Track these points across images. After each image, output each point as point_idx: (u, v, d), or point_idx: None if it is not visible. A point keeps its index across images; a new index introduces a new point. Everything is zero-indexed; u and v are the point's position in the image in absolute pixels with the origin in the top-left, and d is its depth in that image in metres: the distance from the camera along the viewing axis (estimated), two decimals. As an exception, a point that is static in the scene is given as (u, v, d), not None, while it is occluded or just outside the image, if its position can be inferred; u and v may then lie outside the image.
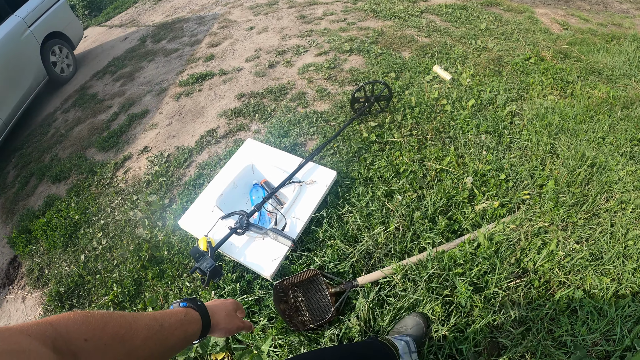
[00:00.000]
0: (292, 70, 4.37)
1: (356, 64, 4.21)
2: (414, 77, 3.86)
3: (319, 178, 2.72)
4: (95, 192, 3.87)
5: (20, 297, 3.62)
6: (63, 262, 3.46)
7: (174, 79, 5.03)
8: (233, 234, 2.52)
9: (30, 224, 3.96)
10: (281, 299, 2.31)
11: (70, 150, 4.70)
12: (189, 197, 3.27)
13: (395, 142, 3.10)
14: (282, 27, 5.47)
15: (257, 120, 3.75)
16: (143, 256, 3.02)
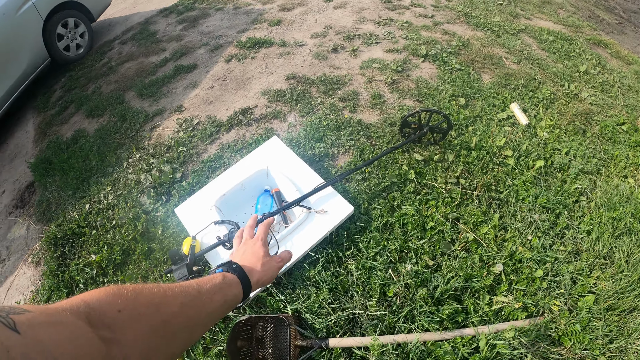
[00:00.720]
0: (355, 61, 3.94)
1: (426, 75, 3.72)
2: (485, 111, 3.32)
3: (333, 209, 2.38)
4: (119, 141, 3.75)
5: (26, 225, 3.63)
6: (69, 205, 3.41)
7: (234, 37, 4.74)
8: (220, 245, 2.28)
9: (53, 155, 3.94)
10: (242, 335, 2.09)
11: (112, 87, 4.62)
12: (199, 179, 3.05)
13: (436, 188, 2.66)
14: (362, 8, 4.97)
15: (297, 112, 3.40)
16: (138, 228, 2.89)
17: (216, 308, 0.92)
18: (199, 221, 2.51)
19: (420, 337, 1.91)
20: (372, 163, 2.79)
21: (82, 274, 2.82)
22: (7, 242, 3.61)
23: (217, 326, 2.24)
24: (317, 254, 2.30)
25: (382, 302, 2.11)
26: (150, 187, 3.14)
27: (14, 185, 4.14)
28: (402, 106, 3.34)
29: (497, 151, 2.92)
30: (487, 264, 2.26)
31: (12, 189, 4.11)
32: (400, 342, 1.91)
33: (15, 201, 3.94)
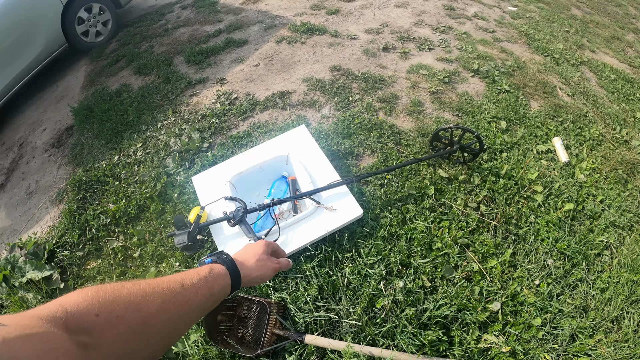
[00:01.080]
0: (404, 64, 3.87)
1: (473, 91, 3.60)
2: (525, 139, 3.17)
3: (342, 209, 2.35)
4: (158, 102, 3.85)
5: (57, 164, 3.80)
6: (99, 154, 3.55)
7: (290, 19, 4.74)
8: (224, 221, 2.31)
9: (95, 104, 4.09)
10: (225, 310, 2.13)
11: (164, 49, 4.73)
12: (224, 153, 3.09)
13: (453, 209, 2.57)
14: (423, 11, 4.85)
15: (333, 104, 3.38)
16: (157, 188, 2.97)
17: (202, 302, 0.91)
18: (212, 193, 2.55)
19: (395, 355, 1.87)
20: (394, 170, 2.74)
21: (97, 219, 2.93)
22: (38, 176, 3.80)
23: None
24: (315, 250, 2.29)
25: (368, 312, 2.08)
26: (177, 151, 3.22)
27: (55, 125, 4.34)
28: (439, 118, 3.25)
29: (527, 184, 2.80)
30: (486, 298, 2.18)
31: (53, 128, 4.31)
32: (374, 355, 1.88)
33: (53, 140, 4.14)
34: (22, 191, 3.87)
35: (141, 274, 2.50)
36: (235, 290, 1.02)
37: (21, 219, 3.52)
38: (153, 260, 2.61)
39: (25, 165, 4.16)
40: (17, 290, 2.66)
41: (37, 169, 3.94)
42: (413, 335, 1.96)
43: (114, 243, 2.81)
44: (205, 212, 2.44)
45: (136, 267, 2.63)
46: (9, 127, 4.97)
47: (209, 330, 2.02)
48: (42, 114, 4.77)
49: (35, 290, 2.63)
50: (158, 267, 2.52)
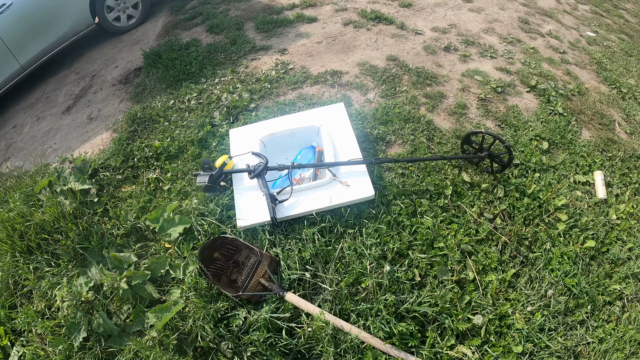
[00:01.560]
0: (461, 67, 3.85)
1: (523, 106, 3.53)
2: (565, 165, 3.07)
3: (356, 186, 2.45)
4: (221, 60, 4.11)
5: (120, 99, 4.15)
6: (157, 96, 3.85)
7: (362, 4, 4.82)
8: (245, 172, 2.48)
9: (164, 52, 4.43)
10: (224, 250, 2.30)
11: (238, 13, 5.01)
12: (267, 116, 3.28)
13: (467, 215, 2.59)
14: (496, 19, 4.76)
15: (380, 91, 3.46)
16: (199, 134, 3.20)
17: None
18: (244, 147, 2.74)
19: (361, 335, 1.95)
20: (416, 162, 2.80)
21: (140, 151, 3.23)
22: (102, 106, 4.18)
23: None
24: (320, 219, 2.40)
25: (351, 288, 2.17)
26: (226, 106, 3.44)
27: (126, 64, 4.73)
28: (479, 124, 3.25)
29: (552, 209, 2.72)
30: (473, 311, 2.19)
31: (124, 67, 4.70)
32: (343, 328, 1.98)
33: (121, 77, 4.52)
34: (84, 116, 4.26)
35: (164, 204, 2.73)
36: None
37: (77, 139, 3.90)
38: (178, 196, 2.84)
39: (92, 94, 4.57)
40: (57, 195, 2.98)
41: (101, 100, 4.32)
42: (386, 322, 2.02)
43: (150, 174, 3.08)
44: (232, 161, 2.63)
45: (163, 198, 2.88)
46: (86, 60, 5.43)
47: (202, 260, 2.21)
48: (117, 53, 5.18)
49: (72, 198, 2.93)
50: (181, 203, 2.74)
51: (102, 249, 2.69)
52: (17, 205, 3.06)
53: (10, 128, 5.06)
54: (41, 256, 2.77)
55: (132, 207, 2.86)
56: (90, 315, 2.37)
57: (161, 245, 2.65)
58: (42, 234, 2.82)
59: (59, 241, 2.75)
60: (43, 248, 2.80)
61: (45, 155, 3.99)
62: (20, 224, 2.90)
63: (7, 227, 2.91)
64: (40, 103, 5.16)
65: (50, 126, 4.51)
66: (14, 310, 2.71)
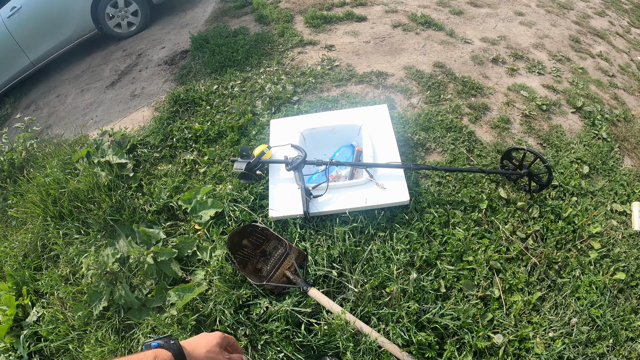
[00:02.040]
0: (507, 80, 3.77)
1: (567, 126, 3.43)
2: (604, 192, 2.96)
3: (392, 190, 2.43)
4: (267, 50, 4.15)
5: (164, 79, 4.24)
6: (202, 79, 3.91)
7: (412, 8, 4.77)
8: (283, 164, 2.50)
9: (212, 38, 4.52)
10: (253, 238, 2.32)
11: (288, 6, 5.05)
12: (309, 110, 3.30)
13: (499, 232, 2.53)
14: (547, 35, 4.63)
15: (424, 97, 3.42)
16: (240, 121, 3.24)
17: None
18: (283, 138, 2.76)
19: (380, 339, 1.93)
20: (455, 172, 2.76)
21: (179, 131, 3.29)
22: (146, 84, 4.28)
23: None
24: (353, 217, 2.40)
25: (376, 291, 2.16)
26: (268, 96, 3.47)
27: (173, 46, 4.83)
28: (521, 140, 3.17)
29: (585, 236, 2.65)
30: (494, 329, 2.14)
31: (170, 48, 4.80)
32: (363, 331, 1.96)
33: (167, 58, 4.62)
34: (127, 92, 4.36)
35: (198, 186, 2.76)
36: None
37: (119, 114, 4.00)
38: (213, 180, 2.88)
39: (137, 72, 4.68)
40: (94, 166, 3.06)
41: (146, 78, 4.41)
42: (406, 329, 1.99)
43: (187, 155, 3.13)
44: (270, 151, 2.65)
45: (198, 180, 2.93)
46: (134, 39, 5.58)
47: (230, 245, 2.23)
48: (165, 35, 5.29)
49: (108, 170, 3.01)
50: (215, 186, 2.77)
51: (132, 223, 2.75)
52: (54, 172, 3.16)
53: (54, 97, 5.24)
54: (72, 223, 2.84)
55: (166, 186, 2.91)
56: (113, 285, 2.43)
57: (191, 226, 2.68)
58: (75, 202, 2.90)
59: (91, 210, 2.82)
60: (75, 215, 2.88)
61: (86, 126, 4.12)
62: (55, 190, 2.99)
63: (42, 192, 3.00)
64: (86, 76, 5.32)
65: (93, 99, 4.64)
66: (39, 272, 2.80)
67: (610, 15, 5.77)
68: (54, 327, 2.41)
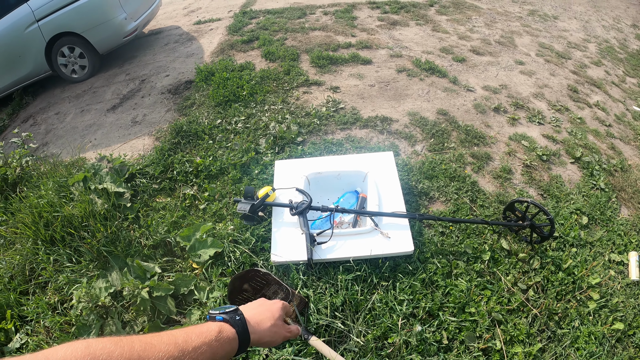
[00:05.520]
0: (508, 129, 3.83)
1: (566, 177, 3.47)
2: (602, 243, 2.97)
3: (396, 239, 2.40)
4: (273, 88, 4.18)
5: (167, 108, 4.27)
6: (205, 112, 3.93)
7: (416, 54, 4.87)
8: (287, 208, 2.47)
9: (217, 70, 4.55)
10: (253, 282, 2.26)
11: (295, 44, 5.13)
12: (313, 152, 3.30)
13: (501, 283, 2.51)
14: (546, 84, 4.74)
15: (427, 145, 3.44)
16: (243, 159, 3.23)
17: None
18: (287, 181, 2.73)
19: None
20: (459, 223, 2.75)
21: (180, 164, 3.26)
22: (148, 111, 4.27)
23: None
24: (356, 266, 2.36)
25: (378, 342, 2.11)
26: (272, 135, 3.46)
27: (178, 75, 4.86)
28: (522, 191, 3.19)
29: (584, 287, 2.65)
30: None
31: (175, 77, 4.84)
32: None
33: (171, 87, 4.64)
34: (128, 118, 4.35)
35: (198, 223, 2.72)
36: (240, 353, 0.94)
37: (118, 139, 3.98)
38: (213, 217, 2.83)
39: (140, 98, 4.68)
40: (90, 192, 3.00)
41: (148, 105, 4.42)
42: None
43: (188, 190, 3.09)
44: (275, 194, 2.62)
45: (197, 217, 2.88)
46: (138, 64, 5.60)
47: (231, 290, 2.17)
48: (170, 63, 5.33)
49: (105, 199, 2.95)
50: (215, 225, 2.73)
51: (127, 256, 2.67)
52: (49, 194, 3.08)
53: (53, 114, 5.21)
54: (63, 250, 2.76)
55: (165, 220, 2.86)
56: (104, 320, 2.34)
57: (188, 264, 2.63)
58: (68, 228, 2.82)
59: (85, 239, 2.74)
60: (67, 242, 2.80)
61: (84, 148, 4.07)
62: (48, 213, 2.90)
63: (35, 213, 2.91)
64: (87, 96, 5.31)
65: (93, 121, 4.62)
66: (25, 296, 2.68)
67: (606, 65, 5.95)
68: (36, 357, 2.30)
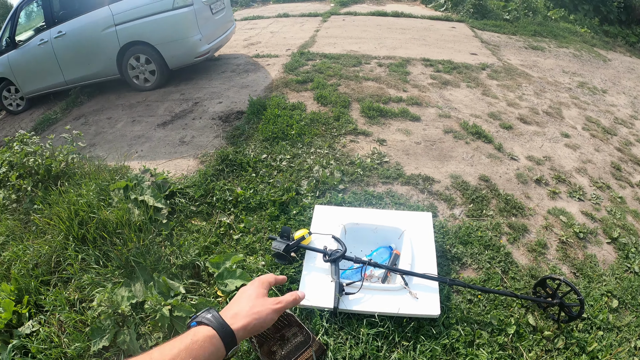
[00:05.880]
0: (548, 203, 3.77)
1: (601, 257, 3.34)
2: (630, 329, 2.74)
3: (424, 300, 2.41)
4: (321, 132, 4.33)
5: (215, 134, 4.44)
6: (252, 145, 4.09)
7: (465, 116, 4.92)
8: (321, 253, 2.51)
9: (269, 106, 4.75)
10: (279, 323, 2.28)
11: (347, 91, 5.32)
12: (352, 201, 3.35)
13: (522, 358, 2.45)
14: (590, 159, 4.64)
15: (466, 210, 3.44)
16: (283, 197, 3.31)
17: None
18: (324, 226, 2.81)
19: None
20: (488, 293, 2.72)
21: (221, 191, 3.39)
22: (196, 134, 4.48)
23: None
24: (380, 321, 2.36)
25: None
26: (315, 178, 3.56)
27: (230, 104, 5.10)
28: (555, 268, 3.13)
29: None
30: None
31: (227, 105, 5.08)
32: None
33: (222, 114, 4.88)
34: (177, 137, 4.56)
35: (230, 252, 2.81)
36: (232, 348, 0.90)
37: (164, 156, 4.17)
38: (245, 250, 2.91)
39: (191, 120, 4.90)
40: (129, 201, 3.14)
41: (198, 128, 4.63)
42: None
43: (224, 217, 3.18)
44: (310, 237, 2.68)
45: (229, 246, 2.97)
46: (194, 86, 5.90)
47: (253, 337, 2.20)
48: (224, 90, 5.59)
49: (143, 211, 3.08)
50: (246, 257, 2.80)
51: (154, 270, 2.75)
52: (89, 194, 3.21)
53: (105, 118, 5.52)
54: (93, 251, 2.85)
55: (197, 243, 2.95)
56: (120, 327, 2.39)
57: (213, 291, 2.68)
58: (101, 231, 2.92)
59: (116, 245, 2.84)
60: (98, 244, 2.89)
61: (130, 157, 4.25)
62: (84, 213, 3.02)
63: (71, 210, 3.03)
64: (140, 107, 5.59)
65: (142, 132, 4.84)
66: (45, 286, 2.77)
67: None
68: (45, 347, 2.36)
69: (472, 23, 10.00)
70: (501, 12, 10.82)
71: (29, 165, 3.75)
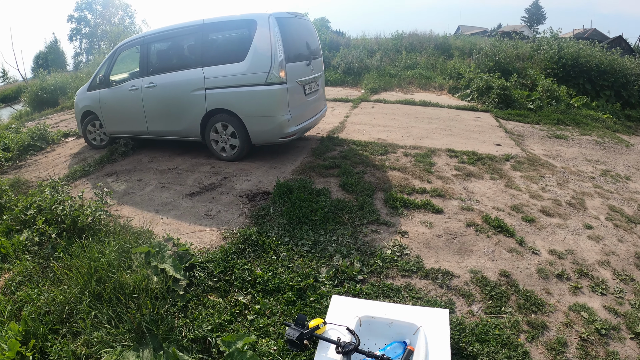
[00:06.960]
0: (569, 299, 3.62)
1: (623, 353, 3.09)
2: None
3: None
4: (345, 220, 4.44)
5: (241, 212, 4.59)
6: (276, 227, 4.21)
7: (488, 209, 4.95)
8: (335, 345, 2.51)
9: (295, 190, 4.91)
10: None
11: (372, 180, 5.49)
12: (370, 292, 3.35)
13: None
14: (613, 251, 4.47)
15: (484, 306, 3.37)
16: (302, 283, 3.36)
17: None
18: (339, 316, 2.82)
19: None
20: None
21: (240, 270, 3.48)
22: (222, 209, 4.68)
23: None
24: None
25: None
26: (335, 267, 3.60)
27: (258, 183, 5.31)
28: (576, 372, 2.99)
29: None
30: None
31: (255, 184, 5.31)
32: None
33: (249, 193, 5.09)
34: (203, 209, 4.74)
35: (242, 332, 2.84)
36: None
37: (188, 227, 4.33)
38: (258, 331, 2.94)
39: (218, 194, 5.10)
40: (150, 268, 3.25)
41: (224, 204, 4.81)
42: None
43: (241, 297, 3.24)
44: (325, 327, 2.70)
45: (243, 326, 3.00)
46: (225, 161, 6.10)
47: None
48: (253, 169, 5.83)
49: (162, 279, 3.18)
50: (258, 339, 2.82)
51: (165, 340, 2.78)
52: (110, 254, 3.31)
53: (135, 179, 5.77)
54: (106, 310, 2.90)
55: (211, 319, 2.99)
56: None
57: (222, 369, 2.66)
58: (118, 293, 2.98)
59: (130, 308, 2.89)
60: (113, 304, 2.95)
61: (155, 223, 4.38)
62: (104, 271, 3.11)
63: (91, 265, 3.12)
64: (170, 174, 5.83)
65: (169, 200, 5.04)
66: (54, 334, 2.80)
67: (675, 232, 5.63)
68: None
69: (496, 113, 10.25)
70: (525, 101, 11.06)
71: (57, 212, 3.94)
